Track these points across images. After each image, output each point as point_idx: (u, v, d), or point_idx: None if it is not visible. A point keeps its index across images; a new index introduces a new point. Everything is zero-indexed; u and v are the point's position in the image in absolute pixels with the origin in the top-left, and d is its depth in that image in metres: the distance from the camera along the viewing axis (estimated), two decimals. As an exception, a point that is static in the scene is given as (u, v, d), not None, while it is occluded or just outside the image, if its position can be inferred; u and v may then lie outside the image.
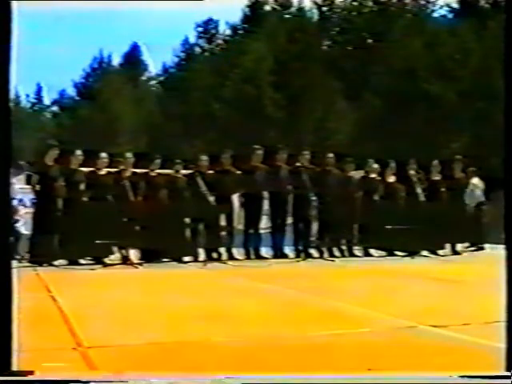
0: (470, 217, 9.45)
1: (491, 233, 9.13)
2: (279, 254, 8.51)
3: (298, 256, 8.45)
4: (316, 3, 27.89)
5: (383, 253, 8.81)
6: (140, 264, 7.54)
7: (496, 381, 2.28)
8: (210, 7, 27.94)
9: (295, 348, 3.00)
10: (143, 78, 34.58)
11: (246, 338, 3.25)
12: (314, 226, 8.68)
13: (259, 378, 2.34)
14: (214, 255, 8.11)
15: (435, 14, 26.78)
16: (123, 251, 7.72)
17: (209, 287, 5.75)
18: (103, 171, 7.92)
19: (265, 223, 8.63)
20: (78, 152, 7.85)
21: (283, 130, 22.48)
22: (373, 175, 9.11)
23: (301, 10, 27.70)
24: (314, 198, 8.31)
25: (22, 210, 8.60)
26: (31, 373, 2.30)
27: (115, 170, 7.99)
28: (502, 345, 2.32)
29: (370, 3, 26.76)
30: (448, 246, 9.20)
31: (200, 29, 30.84)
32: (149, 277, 6.66)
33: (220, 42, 30.64)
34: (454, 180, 9.25)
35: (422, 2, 26.75)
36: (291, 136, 20.95)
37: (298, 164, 8.70)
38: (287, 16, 27.77)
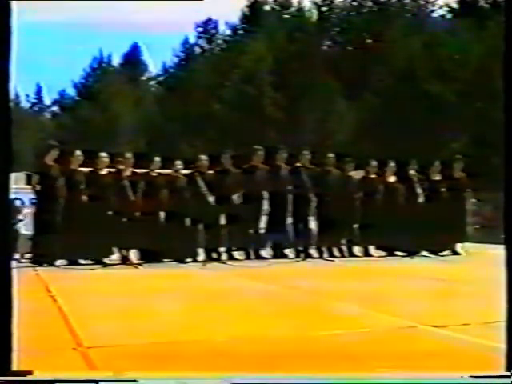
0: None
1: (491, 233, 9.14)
2: (279, 254, 8.51)
3: (297, 256, 8.45)
4: (316, 3, 27.90)
5: (383, 253, 8.81)
6: (140, 264, 7.54)
7: (496, 381, 2.28)
8: (210, 7, 27.92)
9: (295, 348, 3.00)
10: (143, 78, 34.60)
11: (247, 337, 3.25)
12: (314, 226, 8.68)
13: (265, 378, 2.34)
14: (214, 255, 8.12)
15: (435, 14, 26.82)
16: (123, 251, 7.72)
17: (208, 287, 5.75)
18: (103, 171, 7.91)
19: (265, 223, 8.62)
20: (78, 152, 7.85)
21: (283, 130, 22.48)
22: (373, 175, 9.12)
23: (300, 10, 27.72)
24: (314, 198, 8.31)
25: (23, 210, 8.61)
26: (31, 373, 2.30)
27: (115, 169, 7.99)
28: (502, 345, 2.32)
29: (370, 3, 26.76)
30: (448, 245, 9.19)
31: (200, 29, 30.88)
32: (148, 277, 6.66)
33: (220, 42, 30.65)
34: (454, 180, 9.24)
35: (422, 2, 26.77)
36: (291, 136, 20.95)
37: (298, 164, 8.70)
38: (287, 16, 27.79)
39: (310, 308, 4.29)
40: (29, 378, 2.29)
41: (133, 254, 7.83)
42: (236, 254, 8.33)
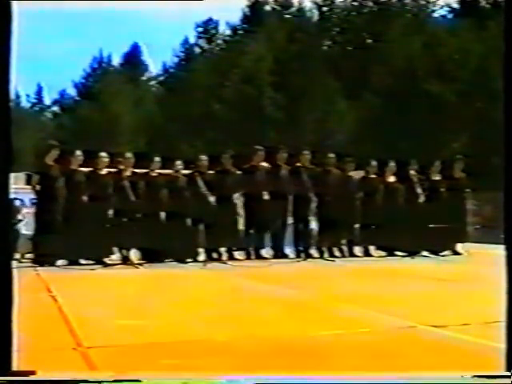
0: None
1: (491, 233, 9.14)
2: (279, 254, 8.51)
3: (298, 256, 8.45)
4: (316, 3, 27.91)
5: (383, 253, 8.81)
6: (140, 264, 7.54)
7: (496, 381, 2.28)
8: (210, 7, 27.94)
9: (295, 348, 3.00)
10: (143, 78, 34.61)
11: (247, 337, 3.25)
12: (314, 226, 8.69)
13: (268, 378, 2.34)
14: (214, 255, 8.12)
15: (435, 14, 26.82)
16: (123, 251, 7.72)
17: (208, 287, 5.76)
18: (103, 171, 7.91)
19: (265, 223, 8.62)
20: (78, 152, 7.85)
21: (283, 130, 22.48)
22: (373, 175, 9.12)
23: (301, 10, 27.72)
24: (314, 198, 8.32)
25: (23, 210, 8.62)
26: (32, 373, 2.31)
27: (115, 169, 7.99)
28: (502, 345, 2.32)
29: (370, 3, 26.76)
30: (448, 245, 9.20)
31: (200, 29, 30.87)
32: (149, 277, 6.66)
33: (220, 42, 30.65)
34: (454, 180, 9.25)
35: (422, 2, 26.76)
36: (291, 136, 20.95)
37: (298, 164, 8.71)
38: (287, 16, 27.78)
39: (310, 308, 4.29)
40: (29, 378, 2.29)
41: (133, 254, 7.83)
42: (236, 254, 8.34)
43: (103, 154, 8.00)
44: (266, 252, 8.53)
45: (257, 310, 4.12)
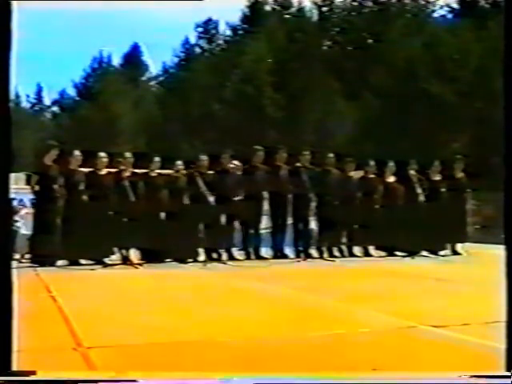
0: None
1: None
2: (279, 254, 8.51)
3: (297, 256, 8.45)
4: (316, 3, 27.89)
5: (383, 253, 8.81)
6: (140, 264, 7.54)
7: (496, 381, 2.28)
8: (210, 7, 27.92)
9: (296, 348, 3.00)
10: (143, 78, 34.59)
11: (247, 337, 3.25)
12: (314, 226, 8.68)
13: (265, 379, 2.34)
14: (214, 255, 8.12)
15: (435, 14, 26.80)
16: (123, 251, 7.72)
17: (208, 287, 5.76)
18: (103, 171, 7.91)
19: (265, 223, 8.63)
20: (77, 152, 7.85)
21: (283, 130, 22.48)
22: (372, 175, 9.11)
23: (301, 10, 27.71)
24: (314, 198, 8.32)
25: (22, 210, 8.62)
26: (32, 373, 2.31)
27: (115, 169, 7.98)
28: (502, 345, 2.32)
29: (370, 3, 26.75)
30: (448, 246, 9.20)
31: (200, 29, 30.86)
32: (149, 277, 6.66)
33: (220, 42, 30.64)
34: (454, 180, 9.25)
35: (422, 2, 26.75)
36: (291, 136, 20.95)
37: (298, 164, 8.70)
38: (287, 16, 27.77)
39: (310, 308, 4.29)
40: (29, 378, 2.29)
41: (133, 254, 7.83)
42: (236, 254, 8.34)
43: (102, 154, 8.00)
44: (266, 252, 8.54)
45: (256, 311, 4.12)
